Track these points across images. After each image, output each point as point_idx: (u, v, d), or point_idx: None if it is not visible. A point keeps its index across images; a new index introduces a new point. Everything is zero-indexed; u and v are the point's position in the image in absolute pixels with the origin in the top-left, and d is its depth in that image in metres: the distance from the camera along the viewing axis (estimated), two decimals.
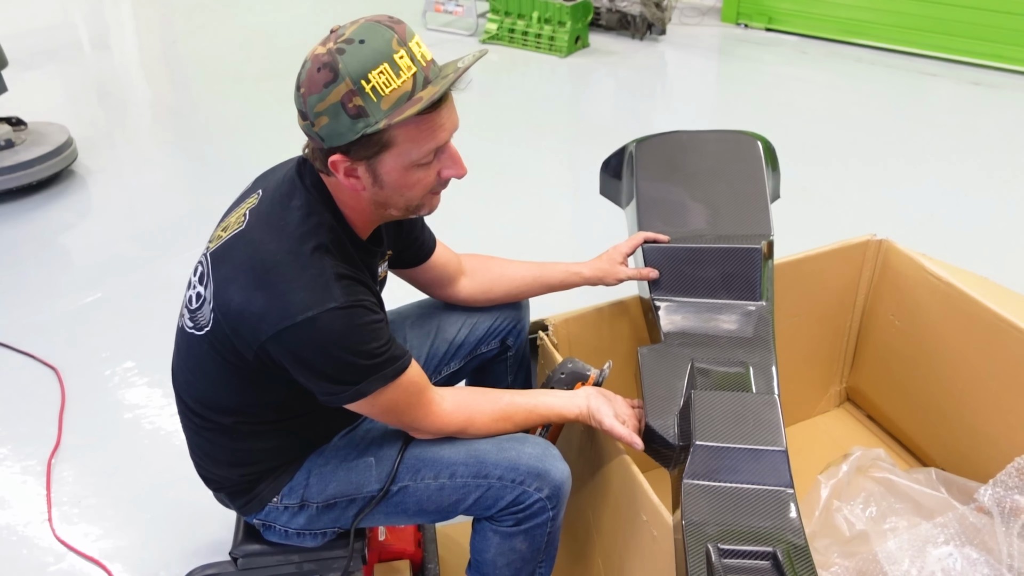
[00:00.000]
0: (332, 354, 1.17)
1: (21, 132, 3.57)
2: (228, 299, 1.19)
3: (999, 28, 4.78)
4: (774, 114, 4.31)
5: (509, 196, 3.52)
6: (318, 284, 1.15)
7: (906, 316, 1.96)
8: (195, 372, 1.32)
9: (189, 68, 5.42)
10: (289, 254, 1.17)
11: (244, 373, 1.24)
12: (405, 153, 1.14)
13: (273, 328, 1.14)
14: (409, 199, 1.21)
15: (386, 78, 1.08)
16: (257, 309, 1.15)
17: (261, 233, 1.21)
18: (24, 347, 2.60)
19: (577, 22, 5.23)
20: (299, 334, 1.14)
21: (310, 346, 1.15)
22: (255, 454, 1.36)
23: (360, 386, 1.20)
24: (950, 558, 1.49)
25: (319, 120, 1.11)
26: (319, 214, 1.21)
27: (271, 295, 1.15)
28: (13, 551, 1.94)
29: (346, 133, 1.10)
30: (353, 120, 1.09)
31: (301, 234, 1.19)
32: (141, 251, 3.13)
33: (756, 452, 1.24)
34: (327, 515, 1.38)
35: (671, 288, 1.66)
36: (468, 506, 1.36)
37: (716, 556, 1.10)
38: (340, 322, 1.15)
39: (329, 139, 1.13)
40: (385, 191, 1.19)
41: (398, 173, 1.16)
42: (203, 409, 1.33)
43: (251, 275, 1.17)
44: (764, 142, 1.85)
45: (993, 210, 3.30)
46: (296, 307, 1.14)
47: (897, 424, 2.09)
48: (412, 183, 1.18)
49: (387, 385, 1.22)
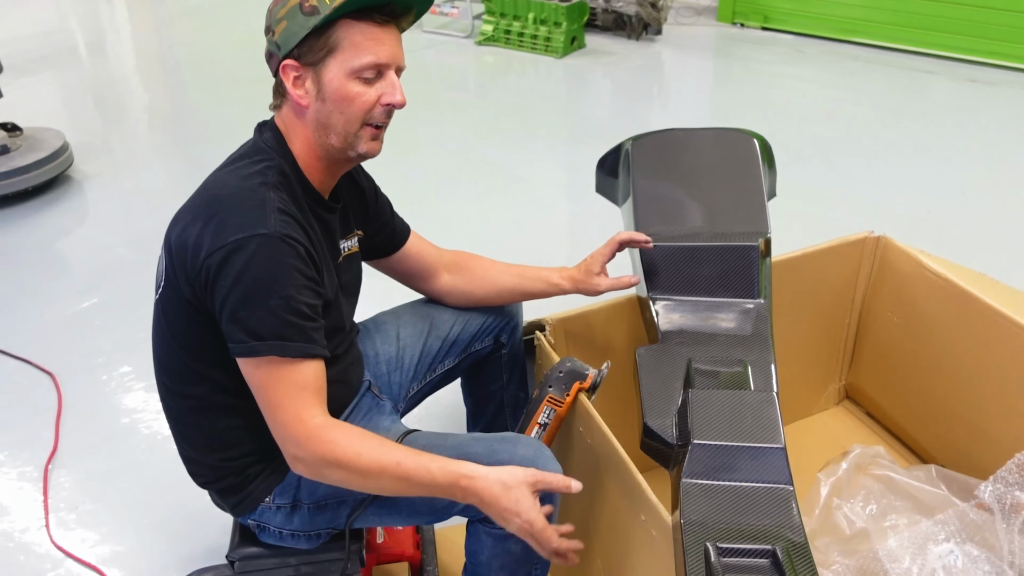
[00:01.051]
0: (248, 287, 1.16)
1: (17, 138, 3.56)
2: (174, 236, 1.24)
3: (996, 25, 4.79)
4: (770, 113, 4.30)
5: (505, 196, 3.52)
6: (254, 211, 1.19)
7: (904, 313, 1.95)
8: (157, 339, 1.34)
9: (185, 72, 5.42)
10: (233, 188, 1.23)
11: (192, 323, 1.25)
12: (347, 60, 1.22)
13: (205, 252, 1.17)
14: (348, 122, 1.25)
15: None
16: (196, 237, 1.19)
17: (212, 178, 1.29)
18: (20, 352, 2.59)
19: (573, 23, 5.24)
20: (228, 255, 1.16)
21: (232, 273, 1.16)
22: (227, 434, 1.34)
23: (258, 344, 1.17)
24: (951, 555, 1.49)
25: (279, 27, 1.23)
26: (270, 158, 1.28)
27: (210, 223, 1.19)
28: (10, 557, 1.93)
29: (299, 31, 1.20)
30: (307, 16, 1.19)
31: (248, 173, 1.25)
32: (137, 256, 3.12)
33: (755, 450, 1.23)
34: (320, 516, 1.37)
35: (668, 287, 1.65)
36: (461, 508, 1.34)
37: (715, 555, 1.09)
38: (266, 250, 1.16)
39: (284, 43, 1.23)
40: (327, 106, 1.24)
41: (339, 81, 1.22)
42: (168, 380, 1.34)
43: (196, 211, 1.23)
44: (760, 140, 1.85)
45: (990, 207, 3.30)
46: (228, 231, 1.17)
47: (896, 421, 2.09)
48: (352, 96, 1.23)
49: (283, 360, 1.18)
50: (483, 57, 5.40)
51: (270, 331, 1.17)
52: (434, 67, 5.24)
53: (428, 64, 5.25)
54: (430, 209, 3.23)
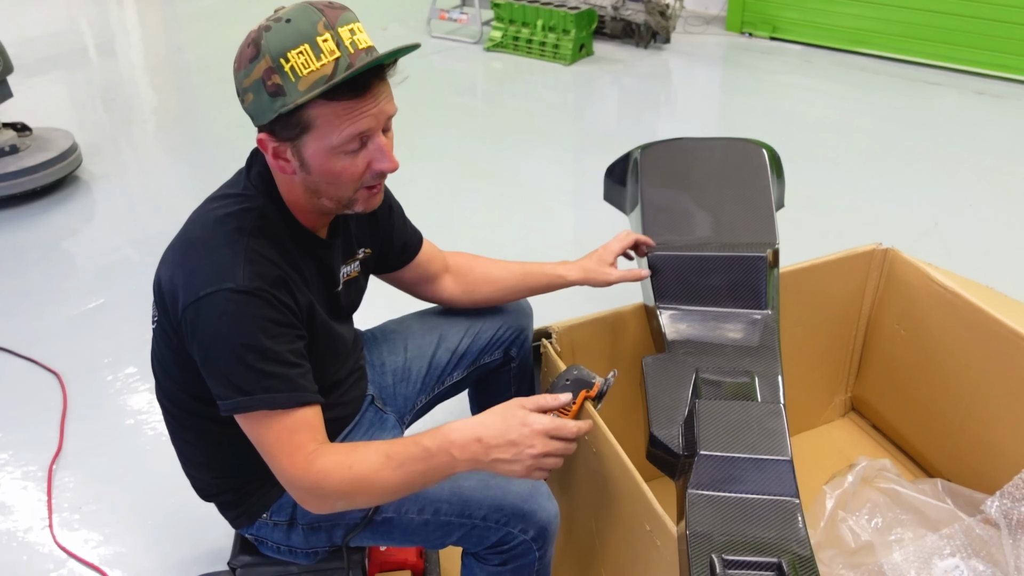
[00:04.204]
0: (224, 343, 1.12)
1: (26, 138, 3.58)
2: (159, 278, 1.21)
3: (1004, 38, 4.79)
4: (778, 123, 4.30)
5: (512, 203, 3.52)
6: (224, 263, 1.13)
7: (912, 325, 1.95)
8: (155, 361, 1.32)
9: (194, 74, 5.44)
10: (209, 232, 1.18)
11: (181, 362, 1.23)
12: (325, 137, 1.12)
13: (182, 304, 1.14)
14: (339, 189, 1.18)
15: (305, 59, 1.08)
16: (171, 286, 1.17)
17: (194, 216, 1.23)
18: (26, 352, 2.60)
19: (581, 30, 5.24)
20: (199, 310, 1.12)
21: (205, 327, 1.12)
22: (225, 455, 1.33)
23: (244, 399, 1.12)
24: (956, 570, 1.48)
25: (246, 97, 1.14)
26: (252, 200, 1.21)
27: (186, 270, 1.16)
28: (14, 557, 1.93)
29: (266, 111, 1.12)
30: (272, 98, 1.10)
31: (225, 215, 1.19)
32: (144, 257, 3.13)
33: (761, 462, 1.23)
34: (315, 536, 1.36)
35: (676, 296, 1.65)
36: (454, 541, 1.34)
37: (720, 567, 1.09)
38: (233, 305, 1.11)
39: (255, 117, 1.15)
40: (313, 176, 1.17)
41: (322, 158, 1.14)
42: (167, 402, 1.33)
43: (176, 253, 1.20)
44: (769, 150, 1.85)
45: (998, 220, 3.29)
46: (200, 283, 1.13)
47: (903, 434, 2.08)
48: (338, 171, 1.15)
49: (273, 412, 1.13)
50: (491, 63, 5.41)
51: (254, 385, 1.12)
52: (442, 72, 5.25)
53: (436, 69, 5.26)
54: (436, 214, 3.23)
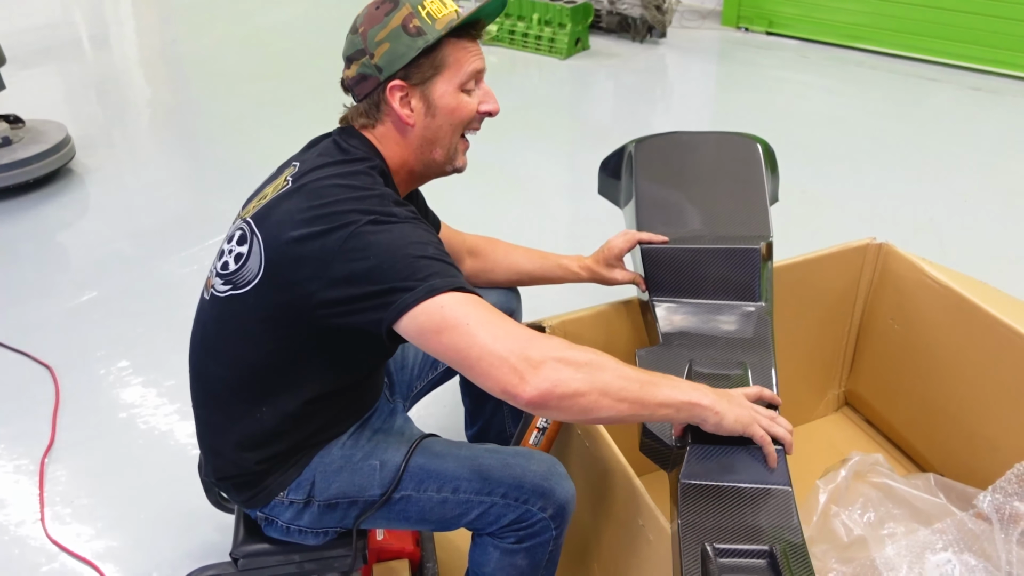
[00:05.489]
0: (398, 247, 1.13)
1: (19, 130, 3.56)
2: (286, 237, 1.18)
3: (1000, 33, 4.79)
4: (774, 117, 4.30)
5: (507, 196, 3.51)
6: (375, 195, 1.20)
7: (905, 320, 1.95)
8: (228, 337, 1.28)
9: (188, 67, 5.41)
10: (342, 177, 1.22)
11: (281, 326, 1.22)
12: (455, 75, 1.28)
13: (338, 244, 1.13)
14: (454, 132, 1.31)
15: (437, 6, 1.27)
16: (319, 233, 1.15)
17: (313, 176, 1.23)
18: (18, 345, 2.59)
19: (577, 24, 5.23)
20: (365, 238, 1.13)
21: (372, 243, 1.13)
22: (267, 435, 1.31)
23: (432, 281, 1.10)
24: (948, 564, 1.48)
25: (380, 49, 1.25)
26: (368, 161, 1.28)
27: (330, 215, 1.16)
28: (5, 551, 1.92)
29: (407, 52, 1.24)
30: (413, 38, 1.24)
31: (353, 161, 1.26)
32: (138, 250, 3.12)
33: (753, 451, 1.23)
34: (329, 515, 1.36)
35: (670, 289, 1.65)
36: (470, 520, 1.34)
37: (712, 555, 1.09)
38: (397, 229, 1.16)
39: (389, 65, 1.25)
40: (436, 120, 1.29)
41: (450, 96, 1.28)
42: (233, 376, 1.30)
43: (308, 210, 1.18)
44: (763, 144, 1.85)
45: (993, 215, 3.30)
46: (356, 214, 1.15)
47: (896, 429, 2.08)
48: (460, 107, 1.30)
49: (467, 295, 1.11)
50: (487, 57, 5.37)
51: (444, 269, 1.13)
52: None
53: None
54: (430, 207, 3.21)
